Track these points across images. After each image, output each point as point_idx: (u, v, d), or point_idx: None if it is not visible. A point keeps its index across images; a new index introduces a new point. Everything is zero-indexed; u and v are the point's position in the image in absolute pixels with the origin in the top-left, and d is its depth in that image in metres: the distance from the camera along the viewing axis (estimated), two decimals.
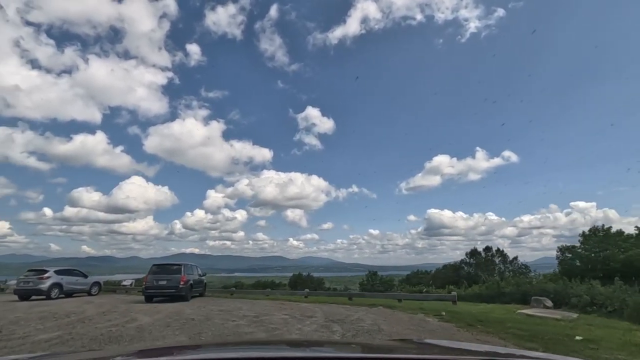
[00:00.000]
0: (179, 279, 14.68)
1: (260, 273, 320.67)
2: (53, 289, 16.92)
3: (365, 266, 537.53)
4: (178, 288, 14.53)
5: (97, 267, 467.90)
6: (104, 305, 13.91)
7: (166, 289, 14.54)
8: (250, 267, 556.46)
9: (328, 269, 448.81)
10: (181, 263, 15.33)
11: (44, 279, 16.69)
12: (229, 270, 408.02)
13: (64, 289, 17.46)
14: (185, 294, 14.88)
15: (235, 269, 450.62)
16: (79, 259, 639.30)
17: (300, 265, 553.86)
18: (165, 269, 15.13)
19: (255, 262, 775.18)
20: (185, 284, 14.81)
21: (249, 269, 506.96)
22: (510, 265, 40.06)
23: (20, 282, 16.79)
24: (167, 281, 14.62)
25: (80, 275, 18.89)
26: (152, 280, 14.65)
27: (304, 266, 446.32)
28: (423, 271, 59.69)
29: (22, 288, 16.59)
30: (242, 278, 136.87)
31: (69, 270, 18.39)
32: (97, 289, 19.64)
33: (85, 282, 18.95)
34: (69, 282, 17.87)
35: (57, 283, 17.17)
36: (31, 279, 16.67)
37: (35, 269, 17.48)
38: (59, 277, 17.36)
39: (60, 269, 17.99)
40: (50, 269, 17.31)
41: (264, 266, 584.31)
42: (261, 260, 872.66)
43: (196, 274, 16.78)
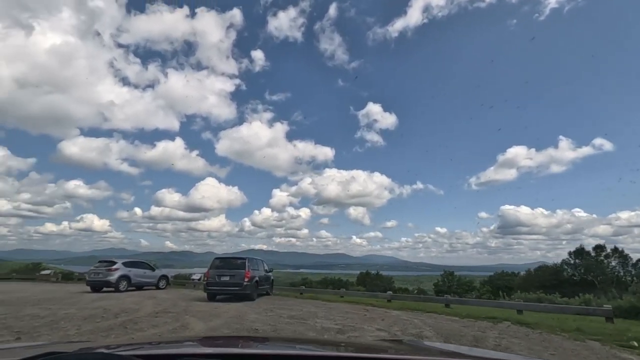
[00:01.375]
0: (243, 275, 12.71)
1: (325, 270, 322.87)
2: (121, 282, 16.30)
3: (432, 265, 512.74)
4: (242, 285, 12.58)
5: (178, 261, 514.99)
6: (164, 302, 12.49)
7: (229, 286, 12.68)
8: (315, 264, 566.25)
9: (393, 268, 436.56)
10: (245, 257, 13.41)
11: (112, 271, 16.14)
12: (294, 266, 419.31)
13: (132, 282, 16.81)
14: (251, 292, 12.89)
15: (300, 265, 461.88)
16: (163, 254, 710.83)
17: (364, 263, 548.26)
18: (228, 263, 13.29)
19: (320, 259, 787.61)
20: (250, 280, 12.81)
21: (313, 265, 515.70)
22: (634, 269, 32.31)
23: (91, 273, 16.47)
24: (230, 277, 12.75)
25: (148, 267, 18.25)
26: (214, 276, 12.89)
27: (367, 264, 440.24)
28: (509, 272, 52.45)
29: (93, 279, 16.24)
30: (307, 274, 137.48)
31: (136, 263, 17.80)
32: (164, 283, 18.89)
33: (153, 275, 18.26)
34: (137, 274, 17.22)
35: (125, 275, 16.55)
36: (101, 270, 16.23)
37: (105, 260, 17.11)
38: (126, 269, 16.75)
39: (128, 260, 17.44)
40: (118, 261, 16.77)
41: (328, 263, 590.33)
42: (325, 257, 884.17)
43: (262, 269, 14.79)
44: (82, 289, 17.90)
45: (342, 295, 15.67)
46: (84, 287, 19.69)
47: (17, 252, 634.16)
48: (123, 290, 16.32)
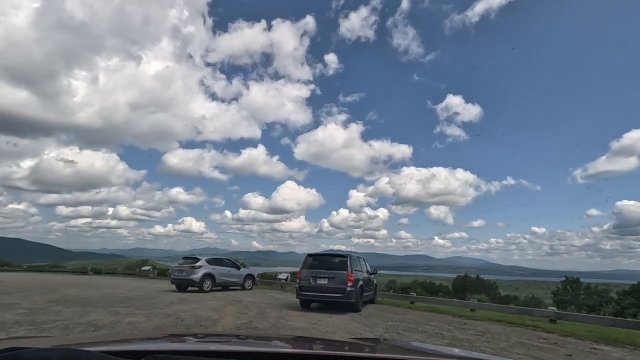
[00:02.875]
0: (346, 278, 9.64)
1: (406, 272, 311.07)
2: (205, 281, 14.67)
3: (528, 270, 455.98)
4: (345, 292, 9.51)
5: (264, 260, 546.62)
6: (250, 308, 10.08)
7: (328, 291, 9.71)
8: (395, 266, 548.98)
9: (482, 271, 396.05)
10: (347, 254, 10.31)
11: (196, 269, 14.59)
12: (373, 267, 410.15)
13: (216, 282, 15.11)
14: (356, 301, 9.78)
15: (380, 267, 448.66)
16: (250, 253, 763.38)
17: (448, 265, 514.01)
18: (326, 262, 10.31)
19: (400, 261, 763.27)
20: (354, 285, 9.68)
21: (393, 267, 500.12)
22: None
23: (176, 271, 15.20)
24: (328, 280, 9.78)
25: (233, 266, 16.50)
26: (309, 278, 10.03)
27: (452, 267, 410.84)
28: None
29: (177, 278, 14.91)
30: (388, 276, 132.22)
31: (221, 260, 16.14)
32: (251, 283, 16.98)
33: (239, 275, 16.43)
34: (222, 273, 15.50)
35: (210, 274, 14.90)
36: (184, 268, 14.82)
37: (189, 257, 15.75)
38: (211, 267, 15.10)
39: (212, 258, 15.86)
40: (202, 258, 15.23)
41: (409, 265, 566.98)
42: (405, 259, 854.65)
43: (365, 270, 11.57)
44: (170, 287, 16.94)
45: (472, 309, 11.60)
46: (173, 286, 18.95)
47: (134, 251, 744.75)
48: (207, 290, 14.67)
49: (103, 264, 69.29)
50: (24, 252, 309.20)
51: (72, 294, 12.32)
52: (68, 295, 11.81)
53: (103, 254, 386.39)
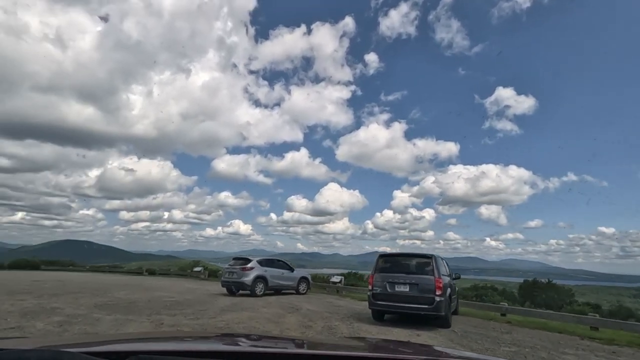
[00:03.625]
0: (433, 285, 7.60)
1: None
2: (257, 284, 13.32)
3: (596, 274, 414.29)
4: (433, 303, 7.48)
5: (308, 262, 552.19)
6: (313, 319, 8.41)
7: (410, 301, 7.73)
8: None
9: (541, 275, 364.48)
10: (430, 254, 8.22)
11: (247, 271, 13.29)
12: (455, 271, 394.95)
13: (269, 284, 13.71)
14: (446, 313, 7.72)
15: None
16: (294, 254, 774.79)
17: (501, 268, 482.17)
18: (404, 264, 8.31)
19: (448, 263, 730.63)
20: (442, 294, 7.61)
21: None
22: None
23: (226, 272, 14.03)
24: (410, 286, 7.80)
25: (285, 267, 15.03)
26: (384, 284, 8.08)
27: (507, 269, 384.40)
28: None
29: (227, 280, 13.74)
30: None
31: (272, 261, 14.74)
32: (305, 287, 15.40)
33: (292, 277, 14.93)
34: (274, 275, 14.09)
35: (262, 277, 13.54)
36: (235, 269, 13.58)
37: (240, 258, 14.54)
38: (262, 269, 13.74)
39: (264, 258, 14.52)
40: (253, 259, 13.93)
41: (458, 267, 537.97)
42: (454, 261, 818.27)
43: (447, 273, 9.37)
44: (220, 290, 15.92)
45: (592, 325, 8.90)
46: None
47: (188, 252, 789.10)
48: (259, 294, 13.30)
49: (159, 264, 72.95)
50: (93, 253, 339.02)
51: (120, 297, 11.53)
52: (115, 299, 11.00)
53: (160, 255, 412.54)
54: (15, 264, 32.51)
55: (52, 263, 34.80)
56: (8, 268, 31.68)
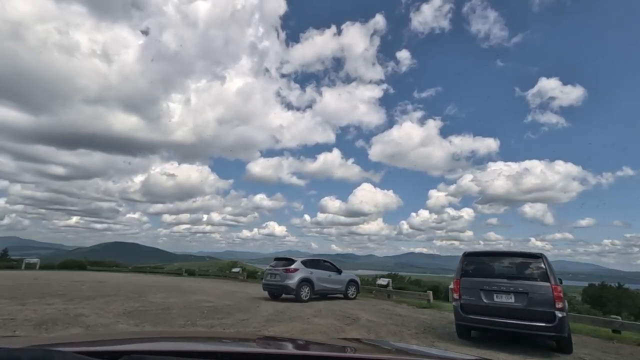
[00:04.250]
0: (550, 295, 5.59)
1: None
2: (302, 287, 11.79)
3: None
4: (555, 320, 5.44)
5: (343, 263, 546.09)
6: (377, 331, 6.69)
7: (519, 317, 5.71)
8: None
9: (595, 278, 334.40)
10: (539, 253, 6.11)
11: (290, 273, 11.79)
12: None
13: (315, 288, 12.13)
14: (568, 334, 5.66)
15: None
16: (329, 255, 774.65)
17: None
18: (505, 265, 6.34)
19: None
20: (563, 307, 5.54)
21: None
22: None
23: (268, 274, 12.59)
24: (516, 296, 5.82)
25: (332, 269, 13.40)
26: (477, 292, 6.12)
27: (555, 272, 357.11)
28: None
29: (270, 283, 12.30)
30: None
31: (318, 262, 13.14)
32: (354, 290, 13.68)
33: (340, 280, 13.26)
34: (321, 278, 12.49)
35: (307, 279, 11.98)
36: (278, 271, 12.12)
37: (283, 258, 13.09)
38: (308, 270, 12.19)
39: (309, 259, 12.95)
40: (297, 259, 12.41)
41: None
42: None
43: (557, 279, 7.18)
44: (261, 293, 14.60)
45: None
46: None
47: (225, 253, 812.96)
48: (305, 299, 11.76)
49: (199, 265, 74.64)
50: (139, 254, 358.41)
51: (155, 302, 10.43)
52: (148, 304, 9.88)
53: (200, 256, 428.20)
54: (64, 265, 33.57)
55: (97, 264, 35.64)
56: (58, 268, 32.79)
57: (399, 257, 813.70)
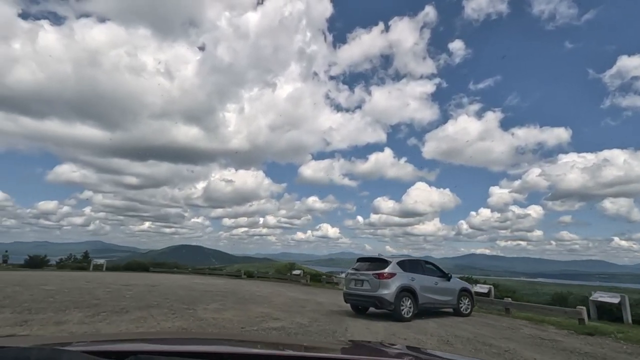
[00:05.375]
0: None
1: (575, 280, 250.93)
2: (403, 300, 8.29)
3: None
4: None
5: None
6: None
7: None
8: (558, 272, 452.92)
9: None
10: None
11: (385, 279, 8.30)
12: (529, 274, 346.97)
13: (418, 301, 8.51)
14: None
15: (536, 274, 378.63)
16: None
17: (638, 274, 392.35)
18: None
19: (563, 267, 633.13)
20: None
21: (556, 274, 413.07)
22: None
23: (351, 279, 9.18)
24: None
25: (437, 273, 9.67)
26: None
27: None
28: None
29: (355, 293, 8.91)
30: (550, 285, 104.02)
31: (418, 263, 9.45)
32: (468, 304, 9.80)
33: (449, 289, 9.48)
34: (425, 286, 8.87)
35: (408, 288, 8.43)
36: (366, 277, 8.68)
37: (371, 258, 9.57)
38: (407, 275, 8.64)
39: (406, 259, 9.32)
40: (392, 260, 8.86)
41: (578, 272, 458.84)
42: (571, 264, 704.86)
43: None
44: (337, 303, 11.36)
45: None
46: (335, 298, 13.39)
47: (281, 255, 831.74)
48: (407, 317, 8.23)
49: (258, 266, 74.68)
50: (203, 257, 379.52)
51: (205, 318, 7.63)
52: (198, 320, 7.11)
53: (258, 257, 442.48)
54: (129, 266, 33.72)
55: (159, 265, 35.43)
56: (123, 269, 32.99)
57: (459, 259, 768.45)
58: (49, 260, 34.05)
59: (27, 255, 33.02)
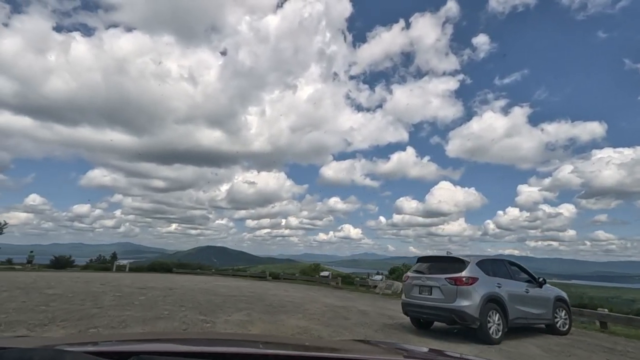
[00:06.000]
0: None
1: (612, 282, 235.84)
2: (490, 315, 6.07)
3: None
4: None
5: None
6: None
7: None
8: (593, 274, 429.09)
9: None
10: None
11: (464, 285, 6.13)
12: (562, 275, 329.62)
13: (509, 316, 6.28)
14: None
15: (570, 275, 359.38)
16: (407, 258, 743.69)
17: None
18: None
19: (599, 268, 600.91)
20: None
21: (591, 275, 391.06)
22: None
23: (414, 286, 6.95)
24: None
25: (524, 276, 7.36)
26: None
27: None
28: None
29: (416, 302, 6.76)
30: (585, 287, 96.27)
31: (500, 263, 7.14)
32: (566, 318, 7.46)
33: (542, 298, 7.19)
34: (514, 294, 6.65)
35: (495, 298, 6.25)
36: (435, 280, 6.50)
37: (439, 257, 7.31)
38: (491, 280, 6.43)
39: (486, 258, 7.02)
40: (468, 259, 6.64)
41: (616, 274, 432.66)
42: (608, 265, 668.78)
43: None
44: (385, 312, 9.26)
45: None
46: (378, 304, 11.26)
47: (304, 256, 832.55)
48: (497, 339, 6.03)
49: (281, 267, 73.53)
50: (228, 258, 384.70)
51: (227, 332, 5.71)
52: None
53: (280, 258, 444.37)
54: (152, 267, 32.87)
55: (183, 266, 34.43)
56: (146, 270, 32.18)
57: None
58: (74, 261, 33.74)
59: (53, 256, 32.78)
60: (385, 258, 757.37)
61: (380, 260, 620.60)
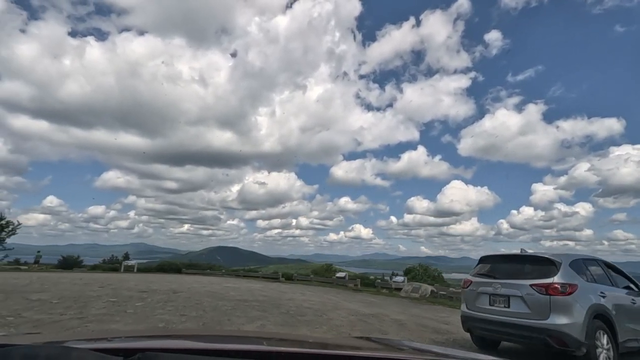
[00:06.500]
0: None
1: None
2: (598, 337, 4.37)
3: None
4: None
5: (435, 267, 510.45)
6: None
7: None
8: None
9: None
10: None
11: (561, 295, 4.48)
12: None
13: (618, 339, 4.61)
14: None
15: None
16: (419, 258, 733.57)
17: None
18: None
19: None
20: None
21: None
22: None
23: (480, 293, 5.28)
24: None
25: (624, 282, 5.67)
26: None
27: None
28: None
29: (486, 317, 5.10)
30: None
31: (596, 265, 5.44)
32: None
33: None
34: (622, 306, 4.98)
35: (601, 313, 4.55)
36: (515, 287, 4.83)
37: (516, 256, 5.39)
38: (593, 288, 4.76)
39: (579, 256, 5.33)
40: (559, 259, 4.96)
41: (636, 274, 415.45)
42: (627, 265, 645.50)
43: None
44: (419, 321, 7.62)
45: None
46: (410, 311, 9.57)
47: (315, 256, 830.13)
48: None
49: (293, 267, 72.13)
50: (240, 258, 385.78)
51: None
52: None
53: (291, 259, 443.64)
54: (161, 267, 31.79)
55: (192, 266, 33.27)
56: (155, 271, 31.13)
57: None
58: (82, 261, 32.95)
59: (61, 256, 32.01)
60: (396, 258, 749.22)
61: (392, 261, 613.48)
